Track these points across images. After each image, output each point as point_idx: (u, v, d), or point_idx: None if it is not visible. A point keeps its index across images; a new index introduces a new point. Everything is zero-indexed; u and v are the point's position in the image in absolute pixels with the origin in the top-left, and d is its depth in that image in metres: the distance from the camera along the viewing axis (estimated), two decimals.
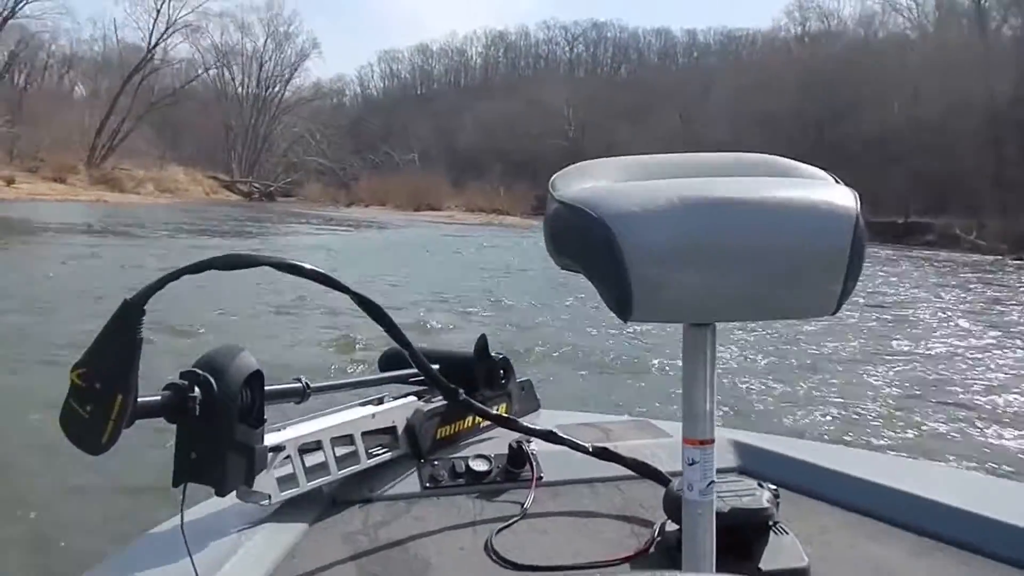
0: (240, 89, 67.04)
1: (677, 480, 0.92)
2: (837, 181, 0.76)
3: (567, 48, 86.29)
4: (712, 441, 0.76)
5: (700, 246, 0.67)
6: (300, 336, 7.00)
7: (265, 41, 67.57)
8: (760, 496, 0.95)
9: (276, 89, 68.33)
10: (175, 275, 0.81)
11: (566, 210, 0.72)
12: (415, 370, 1.15)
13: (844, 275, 0.68)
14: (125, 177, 44.33)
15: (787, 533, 0.96)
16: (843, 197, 0.71)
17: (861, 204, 0.70)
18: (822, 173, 0.80)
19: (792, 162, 0.83)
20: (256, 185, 62.35)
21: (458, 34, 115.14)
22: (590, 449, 1.16)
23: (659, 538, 1.01)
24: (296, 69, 69.18)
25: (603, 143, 54.11)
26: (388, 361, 1.36)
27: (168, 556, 0.89)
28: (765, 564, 0.91)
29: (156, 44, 53.48)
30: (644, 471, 1.15)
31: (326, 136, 69.08)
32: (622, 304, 0.67)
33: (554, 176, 0.80)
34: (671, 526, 0.98)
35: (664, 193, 0.69)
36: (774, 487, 0.98)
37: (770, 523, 0.95)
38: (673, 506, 0.92)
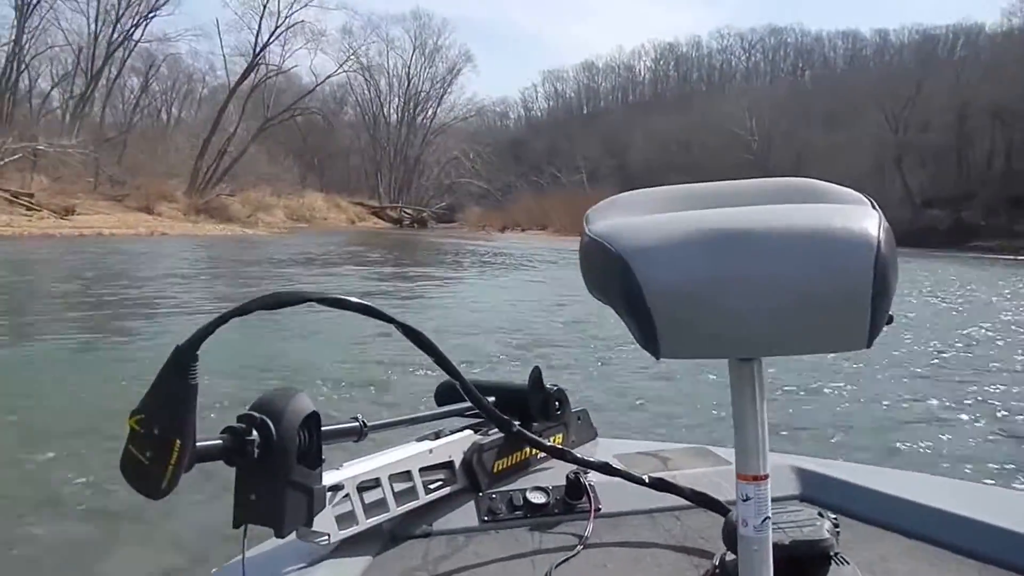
0: (385, 107, 63.48)
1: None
2: (874, 206, 0.71)
3: (744, 56, 79.41)
4: (766, 477, 0.74)
5: (718, 280, 0.65)
6: (355, 374, 6.72)
7: (412, 54, 63.49)
8: (820, 526, 0.94)
9: (428, 105, 64.28)
10: (223, 319, 0.82)
11: (592, 245, 0.72)
12: (470, 404, 1.14)
13: (869, 306, 0.64)
14: (236, 204, 40.61)
15: (847, 563, 0.95)
16: (865, 224, 0.66)
17: (886, 230, 0.65)
18: (857, 195, 0.76)
19: (829, 186, 0.80)
20: (407, 211, 58.43)
21: (625, 49, 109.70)
22: (647, 481, 1.16)
23: (718, 570, 1.00)
24: (450, 84, 64.95)
25: (792, 153, 49.70)
26: (444, 394, 1.36)
27: None
28: None
29: (267, 44, 47.38)
30: (702, 501, 1.14)
31: (481, 156, 64.40)
32: (649, 341, 0.67)
33: (590, 209, 0.79)
34: (731, 556, 0.97)
35: (682, 226, 0.68)
36: (834, 516, 0.97)
37: (831, 553, 0.94)
38: (732, 537, 0.92)
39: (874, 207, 0.70)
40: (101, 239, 26.28)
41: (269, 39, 47.01)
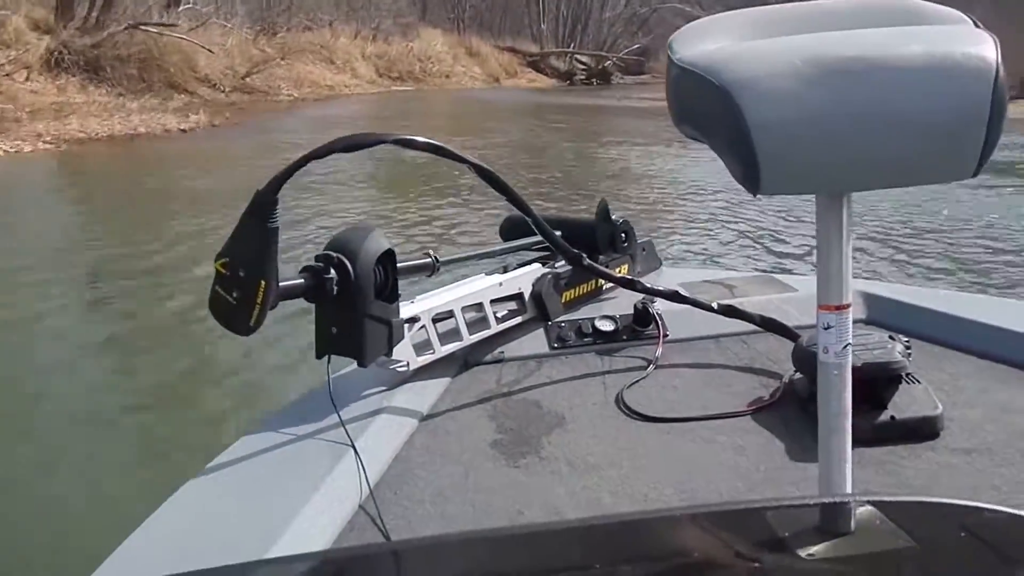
0: None
1: (807, 335, 1.04)
2: (976, 25, 0.69)
3: None
4: (848, 306, 0.74)
5: (829, 112, 0.62)
6: (425, 212, 6.96)
7: None
8: (892, 348, 0.96)
9: None
10: (301, 162, 0.84)
11: (686, 76, 0.68)
12: (538, 238, 1.18)
13: (984, 134, 0.63)
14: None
15: (919, 383, 0.98)
16: (982, 46, 0.64)
17: (1000, 53, 0.63)
18: (958, 15, 0.73)
19: (928, 4, 0.75)
20: (580, 59, 38.53)
21: None
22: (715, 308, 1.18)
23: (787, 389, 1.05)
24: None
25: None
26: (509, 229, 1.40)
27: (321, 416, 0.97)
28: (899, 413, 0.95)
29: None
30: (772, 327, 1.17)
31: None
32: (749, 177, 0.64)
33: (672, 36, 0.75)
34: (799, 377, 1.04)
35: (790, 55, 0.64)
36: (905, 339, 1.00)
37: (903, 374, 0.97)
38: (803, 360, 1.00)
39: (979, 27, 0.66)
40: None
41: None
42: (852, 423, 0.75)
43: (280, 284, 0.85)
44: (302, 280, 0.90)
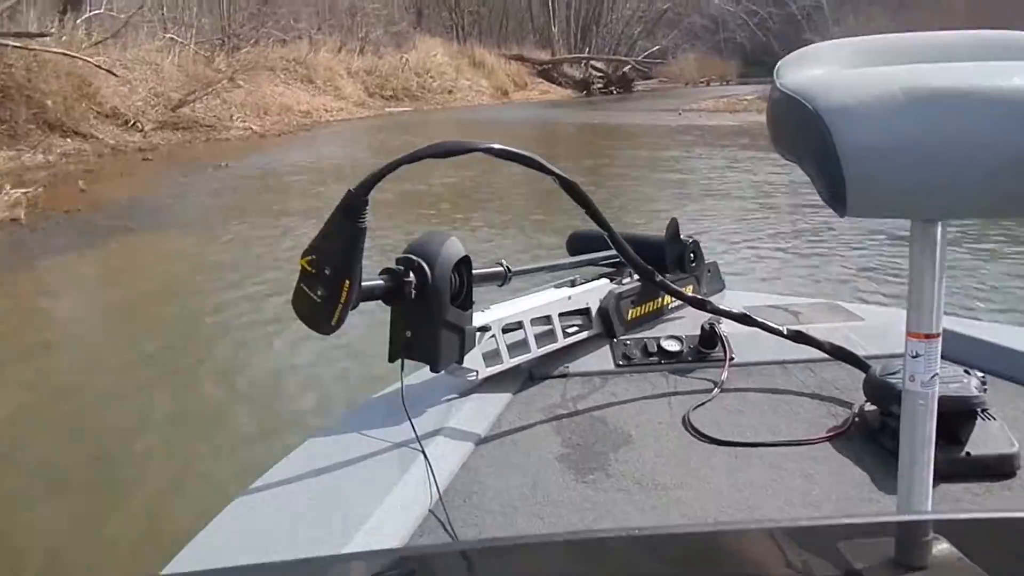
0: None
1: (878, 365, 1.02)
2: None
3: None
4: (938, 336, 0.73)
5: (923, 142, 0.63)
6: (496, 221, 6.93)
7: None
8: (968, 383, 0.95)
9: None
10: (394, 165, 0.85)
11: (784, 99, 0.69)
12: (607, 253, 1.27)
13: None
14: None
15: (995, 419, 0.97)
16: None
17: None
18: None
19: None
20: (597, 66, 34.10)
21: None
22: (785, 332, 1.16)
23: (858, 419, 1.04)
24: None
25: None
26: (576, 244, 1.42)
27: (391, 419, 0.99)
28: (974, 449, 0.93)
29: None
30: (842, 355, 1.15)
31: None
32: (836, 200, 0.65)
33: (781, 61, 0.76)
34: (870, 407, 1.03)
35: (886, 83, 0.65)
36: (981, 374, 0.99)
37: (979, 409, 0.96)
38: (875, 391, 1.00)
39: None
40: None
41: None
42: None
43: (361, 284, 0.87)
44: (381, 281, 0.92)
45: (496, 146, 0.90)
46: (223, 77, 13.87)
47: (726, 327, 1.21)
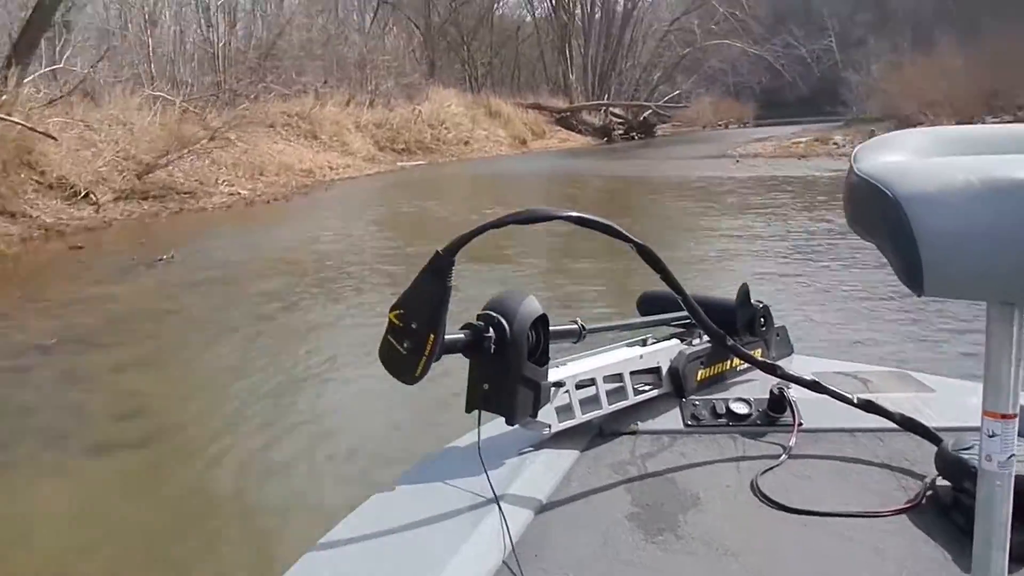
0: None
1: (950, 438, 1.01)
2: None
3: None
4: (1015, 416, 0.74)
5: (998, 228, 0.64)
6: (570, 284, 6.85)
7: None
8: None
9: None
10: (481, 229, 0.90)
11: (862, 184, 0.71)
12: (678, 314, 1.28)
13: None
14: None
15: None
16: None
17: None
18: None
19: None
20: (616, 112, 32.58)
21: None
22: (855, 401, 1.15)
23: (930, 493, 1.02)
24: None
25: None
26: (647, 304, 1.42)
27: (467, 469, 1.01)
28: None
29: None
30: (913, 427, 1.14)
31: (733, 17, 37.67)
32: (913, 281, 0.67)
33: (859, 146, 0.79)
34: (942, 482, 1.01)
35: (964, 172, 0.66)
36: None
37: None
38: (947, 466, 0.98)
39: None
40: None
41: None
42: None
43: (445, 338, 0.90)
44: (463, 336, 0.94)
45: (575, 214, 0.95)
46: (205, 136, 11.90)
47: (794, 392, 1.21)
